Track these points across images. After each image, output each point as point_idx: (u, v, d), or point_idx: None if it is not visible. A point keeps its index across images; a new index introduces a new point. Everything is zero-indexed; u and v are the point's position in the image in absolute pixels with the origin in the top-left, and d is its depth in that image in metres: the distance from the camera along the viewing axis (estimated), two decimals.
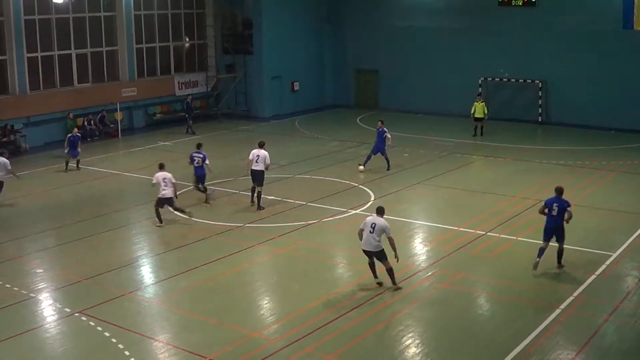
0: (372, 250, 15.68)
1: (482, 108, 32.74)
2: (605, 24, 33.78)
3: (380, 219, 15.70)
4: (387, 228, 15.57)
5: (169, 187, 20.36)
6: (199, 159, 22.46)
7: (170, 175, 20.54)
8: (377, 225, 15.58)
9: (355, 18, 41.70)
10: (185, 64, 39.78)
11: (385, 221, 15.68)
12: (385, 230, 15.56)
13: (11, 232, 20.34)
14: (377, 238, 15.56)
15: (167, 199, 20.40)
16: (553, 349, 13.10)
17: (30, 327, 14.35)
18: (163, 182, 20.34)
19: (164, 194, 20.34)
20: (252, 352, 13.12)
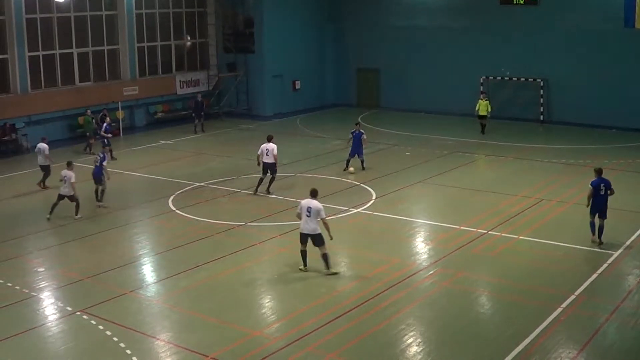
0: (310, 234, 16.27)
1: (486, 106, 32.87)
2: (607, 22, 33.75)
3: (314, 202, 16.30)
4: (321, 210, 16.20)
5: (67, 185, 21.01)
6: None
7: (70, 174, 21.00)
8: (312, 208, 16.16)
9: (357, 17, 41.69)
10: (186, 62, 39.80)
11: (319, 204, 16.29)
12: (319, 213, 16.14)
13: (12, 230, 20.35)
14: (315, 221, 16.17)
15: (68, 196, 21.08)
16: (554, 348, 13.09)
17: (31, 326, 14.36)
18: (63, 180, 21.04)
19: (64, 192, 21.08)
20: (253, 351, 13.13)
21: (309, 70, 41.73)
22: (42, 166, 24.86)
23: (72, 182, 21.03)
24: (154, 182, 25.69)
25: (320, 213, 16.21)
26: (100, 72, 35.50)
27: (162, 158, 29.55)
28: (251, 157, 29.24)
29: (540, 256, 17.80)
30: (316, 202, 16.37)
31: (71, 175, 21.05)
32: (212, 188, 24.53)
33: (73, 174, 21.15)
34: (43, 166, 24.84)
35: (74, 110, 33.47)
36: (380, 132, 34.59)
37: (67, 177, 21.01)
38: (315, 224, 16.26)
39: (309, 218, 16.25)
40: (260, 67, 39.51)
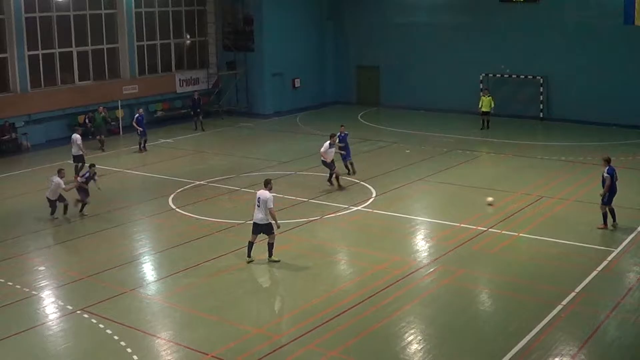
0: (260, 223, 16.78)
1: (489, 102, 33.01)
2: (606, 19, 33.74)
3: (264, 192, 16.73)
4: (269, 200, 16.59)
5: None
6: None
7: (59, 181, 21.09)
8: (261, 198, 16.62)
9: (357, 14, 41.66)
10: (186, 61, 39.78)
11: (269, 194, 16.70)
12: (267, 203, 16.56)
13: (13, 230, 20.36)
14: (263, 211, 16.66)
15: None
16: (555, 344, 13.11)
17: (32, 324, 14.37)
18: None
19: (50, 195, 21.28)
20: (255, 348, 13.14)
21: (309, 68, 41.71)
22: (75, 156, 25.73)
23: (62, 187, 21.20)
24: (154, 180, 25.70)
25: (268, 202, 16.61)
26: (100, 70, 35.48)
27: (162, 156, 29.55)
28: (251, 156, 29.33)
29: (540, 253, 17.81)
30: (267, 192, 16.76)
31: (59, 183, 21.09)
32: (212, 186, 24.53)
33: (62, 181, 21.18)
34: (76, 156, 25.72)
35: (73, 109, 33.47)
36: (380, 129, 34.61)
37: (55, 184, 21.11)
38: (263, 213, 16.69)
39: (259, 208, 16.75)
40: (260, 65, 39.49)
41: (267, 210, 16.64)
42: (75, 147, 25.78)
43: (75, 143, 25.75)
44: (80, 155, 25.83)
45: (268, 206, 16.58)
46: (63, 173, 21.61)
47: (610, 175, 18.79)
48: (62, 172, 21.64)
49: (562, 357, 12.67)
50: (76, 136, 25.85)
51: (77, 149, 25.77)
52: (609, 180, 18.75)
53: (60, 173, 21.51)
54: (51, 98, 32.77)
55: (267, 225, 16.81)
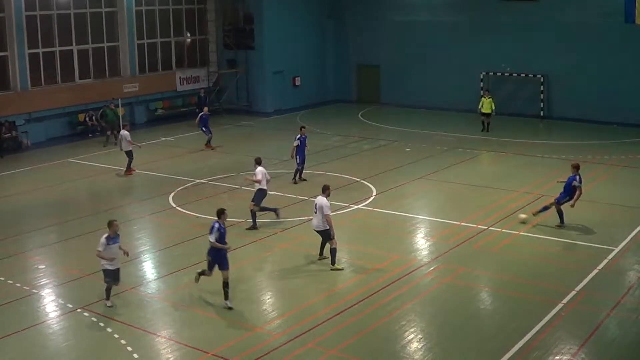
0: (317, 230, 16.81)
1: (489, 103, 32.64)
2: (607, 18, 33.72)
3: (321, 199, 16.52)
4: (325, 207, 16.40)
5: None
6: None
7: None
8: (318, 205, 16.50)
9: (357, 13, 41.66)
10: (186, 59, 39.77)
11: (325, 200, 16.44)
12: (323, 209, 16.38)
13: (13, 228, 20.36)
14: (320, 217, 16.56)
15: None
16: (555, 343, 13.11)
17: (32, 323, 14.38)
18: None
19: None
20: (255, 347, 13.14)
21: (310, 67, 41.69)
22: (126, 152, 26.02)
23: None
24: (155, 179, 25.70)
25: (324, 209, 16.44)
26: (100, 69, 35.47)
27: (162, 155, 29.55)
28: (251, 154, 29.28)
29: (541, 252, 17.81)
30: (323, 198, 16.64)
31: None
32: (213, 185, 24.53)
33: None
34: (127, 152, 26.01)
35: (74, 108, 33.46)
36: (381, 128, 34.60)
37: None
38: (319, 220, 16.57)
39: (316, 214, 16.68)
40: (261, 63, 39.47)
41: (324, 216, 16.49)
42: (124, 143, 25.90)
43: (125, 139, 25.85)
44: (129, 150, 25.96)
45: (325, 213, 16.44)
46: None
47: (580, 186, 18.90)
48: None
49: (562, 356, 12.67)
50: (125, 132, 26.02)
51: (127, 144, 25.90)
52: (580, 190, 18.86)
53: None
54: (52, 96, 32.77)
55: (323, 231, 16.73)
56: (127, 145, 25.94)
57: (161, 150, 30.45)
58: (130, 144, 26.03)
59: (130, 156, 26.09)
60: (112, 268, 14.69)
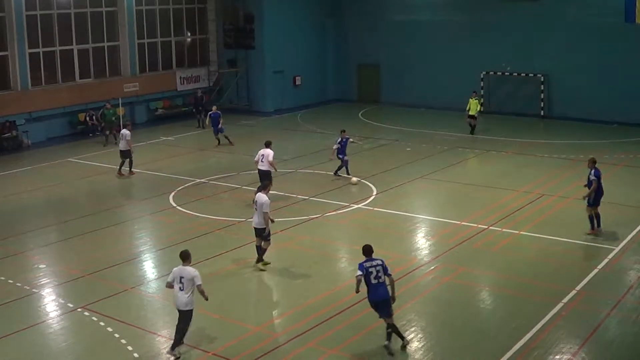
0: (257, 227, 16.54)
1: (476, 105, 31.90)
2: (607, 17, 33.71)
3: (261, 196, 16.27)
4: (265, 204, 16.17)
5: None
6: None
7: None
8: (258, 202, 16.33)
9: (357, 12, 41.66)
10: (187, 58, 39.78)
11: (265, 197, 16.23)
12: (263, 207, 16.20)
13: (13, 227, 20.36)
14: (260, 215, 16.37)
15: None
16: (555, 342, 13.11)
17: (33, 322, 14.38)
18: None
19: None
20: (255, 346, 13.14)
21: (310, 66, 41.69)
22: (123, 151, 25.61)
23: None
24: (155, 178, 25.70)
25: (264, 207, 16.23)
26: (101, 68, 35.48)
27: (162, 154, 29.55)
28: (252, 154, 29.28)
29: (541, 251, 17.81)
30: (263, 195, 16.41)
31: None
32: (213, 184, 24.53)
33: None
34: (124, 151, 25.59)
35: (74, 107, 33.47)
36: (381, 127, 34.60)
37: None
38: (260, 217, 16.36)
39: (257, 212, 16.43)
40: (261, 63, 39.47)
41: (263, 214, 16.29)
42: (123, 142, 25.50)
43: (124, 138, 25.44)
44: (127, 150, 25.56)
45: (264, 210, 16.21)
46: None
47: (597, 178, 18.34)
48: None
49: (562, 355, 12.67)
50: (126, 132, 25.57)
51: (126, 143, 25.46)
52: (596, 183, 18.35)
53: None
54: (52, 96, 32.78)
55: (261, 229, 16.48)
56: (126, 145, 25.59)
57: (161, 150, 30.45)
58: (129, 145, 25.68)
59: (126, 156, 25.73)
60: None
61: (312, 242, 18.85)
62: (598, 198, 18.51)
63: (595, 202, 18.50)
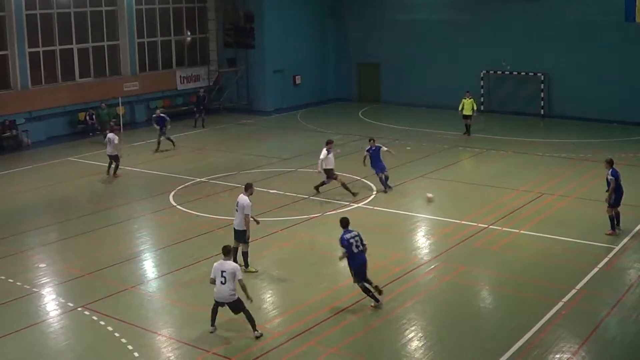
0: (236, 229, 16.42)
1: (470, 105, 31.40)
2: (607, 16, 33.72)
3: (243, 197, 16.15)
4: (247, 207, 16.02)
5: None
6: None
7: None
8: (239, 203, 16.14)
9: (357, 11, 41.65)
10: (187, 58, 39.77)
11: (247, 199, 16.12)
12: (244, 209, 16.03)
13: (14, 227, 20.37)
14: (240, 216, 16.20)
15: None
16: (556, 341, 13.10)
17: (33, 321, 14.38)
18: None
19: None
20: (255, 346, 13.14)
21: (310, 65, 41.70)
22: (111, 156, 25.43)
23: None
24: (155, 177, 25.70)
25: (245, 209, 16.08)
26: (101, 67, 35.47)
27: (163, 153, 29.53)
28: (252, 153, 29.32)
29: (541, 250, 17.81)
30: (245, 196, 16.30)
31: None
32: (213, 183, 24.53)
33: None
34: (112, 156, 25.41)
35: (74, 106, 33.46)
36: (381, 126, 34.60)
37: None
38: (240, 219, 16.23)
39: (237, 213, 16.29)
40: (261, 62, 39.48)
41: (244, 216, 16.10)
42: (111, 147, 25.16)
43: (111, 143, 25.09)
44: (115, 155, 25.32)
45: (245, 212, 16.04)
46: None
47: (615, 178, 18.45)
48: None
49: (562, 355, 12.67)
50: (113, 136, 25.21)
51: (112, 148, 25.17)
52: (614, 182, 18.41)
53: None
54: (52, 95, 32.77)
55: (241, 232, 16.29)
56: (113, 149, 25.21)
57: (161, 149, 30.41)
58: (118, 149, 25.35)
59: (116, 160, 25.46)
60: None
61: (311, 241, 18.85)
62: (619, 198, 18.56)
63: (616, 202, 18.55)
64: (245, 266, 16.48)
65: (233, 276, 13.17)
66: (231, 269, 13.20)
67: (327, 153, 22.34)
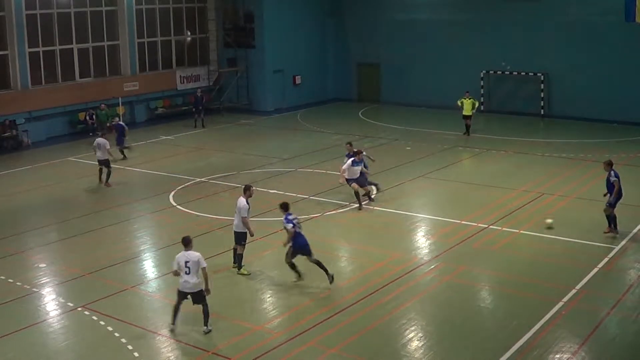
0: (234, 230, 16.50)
1: (470, 105, 31.23)
2: (607, 16, 33.72)
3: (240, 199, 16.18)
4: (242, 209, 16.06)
5: None
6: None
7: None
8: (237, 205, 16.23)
9: (357, 11, 41.66)
10: (187, 58, 39.77)
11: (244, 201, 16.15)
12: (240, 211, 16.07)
13: (13, 227, 20.37)
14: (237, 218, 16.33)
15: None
16: (555, 341, 13.10)
17: (33, 321, 14.38)
18: None
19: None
20: (255, 345, 13.13)
21: (310, 65, 41.71)
22: (101, 161, 24.34)
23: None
24: (155, 177, 25.70)
25: (241, 211, 16.12)
26: (101, 67, 35.48)
27: (162, 153, 29.55)
28: (252, 153, 29.33)
29: (541, 250, 17.81)
30: (242, 199, 16.28)
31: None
32: (213, 183, 24.54)
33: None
34: (102, 160, 24.32)
35: (74, 106, 33.46)
36: (381, 126, 34.60)
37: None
38: (237, 220, 16.27)
39: (236, 214, 16.38)
40: (261, 62, 39.48)
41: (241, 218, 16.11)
42: (100, 152, 24.17)
43: (101, 148, 24.12)
44: (106, 159, 24.37)
45: (242, 215, 16.08)
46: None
47: (618, 179, 18.38)
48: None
49: (562, 354, 12.67)
50: (102, 140, 24.25)
51: (103, 153, 24.18)
52: (618, 184, 18.31)
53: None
54: (52, 95, 32.78)
55: (238, 233, 16.33)
56: (103, 154, 24.19)
57: (161, 149, 30.45)
58: (109, 153, 24.41)
59: (105, 165, 24.33)
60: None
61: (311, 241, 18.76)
62: (618, 200, 18.50)
63: (614, 204, 18.45)
64: (238, 268, 16.53)
65: (197, 266, 13.41)
66: (195, 259, 13.45)
67: (351, 164, 21.21)
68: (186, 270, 13.47)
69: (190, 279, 13.46)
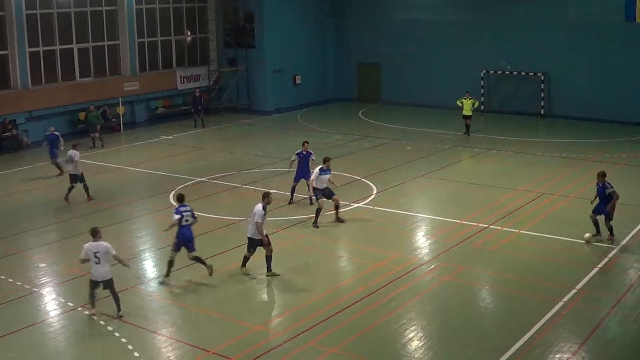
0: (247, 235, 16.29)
1: (469, 105, 31.17)
2: (608, 16, 33.72)
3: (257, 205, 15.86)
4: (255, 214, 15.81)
5: None
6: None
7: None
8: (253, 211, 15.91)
9: (358, 11, 41.67)
10: (187, 57, 39.76)
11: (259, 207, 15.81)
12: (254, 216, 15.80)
13: (13, 226, 20.35)
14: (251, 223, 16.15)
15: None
16: (556, 341, 13.10)
17: (33, 321, 14.38)
18: None
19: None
20: (255, 345, 13.13)
21: (310, 65, 41.70)
22: (72, 175, 22.51)
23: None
24: (155, 177, 25.69)
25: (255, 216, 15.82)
26: (101, 67, 35.47)
27: (162, 153, 29.55)
28: (252, 153, 29.33)
29: (541, 250, 17.81)
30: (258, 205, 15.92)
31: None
32: (213, 183, 24.53)
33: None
34: (73, 175, 22.48)
35: (74, 106, 33.45)
36: (381, 126, 34.60)
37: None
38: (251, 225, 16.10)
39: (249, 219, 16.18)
40: (261, 62, 39.48)
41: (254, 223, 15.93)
42: (71, 165, 22.43)
43: (72, 160, 22.34)
44: (77, 174, 22.44)
45: (255, 220, 15.87)
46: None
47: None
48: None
49: (563, 354, 12.67)
50: (74, 152, 22.39)
51: (74, 167, 22.39)
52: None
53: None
54: (52, 95, 32.77)
55: (252, 240, 16.14)
56: (74, 168, 22.33)
57: (161, 149, 30.44)
58: (78, 167, 22.36)
59: (78, 179, 22.40)
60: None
61: (311, 241, 18.84)
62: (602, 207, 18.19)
63: (601, 210, 18.14)
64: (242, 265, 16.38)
65: (107, 255, 14.12)
66: (104, 249, 14.15)
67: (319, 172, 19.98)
68: (96, 260, 14.11)
69: (101, 267, 14.12)
